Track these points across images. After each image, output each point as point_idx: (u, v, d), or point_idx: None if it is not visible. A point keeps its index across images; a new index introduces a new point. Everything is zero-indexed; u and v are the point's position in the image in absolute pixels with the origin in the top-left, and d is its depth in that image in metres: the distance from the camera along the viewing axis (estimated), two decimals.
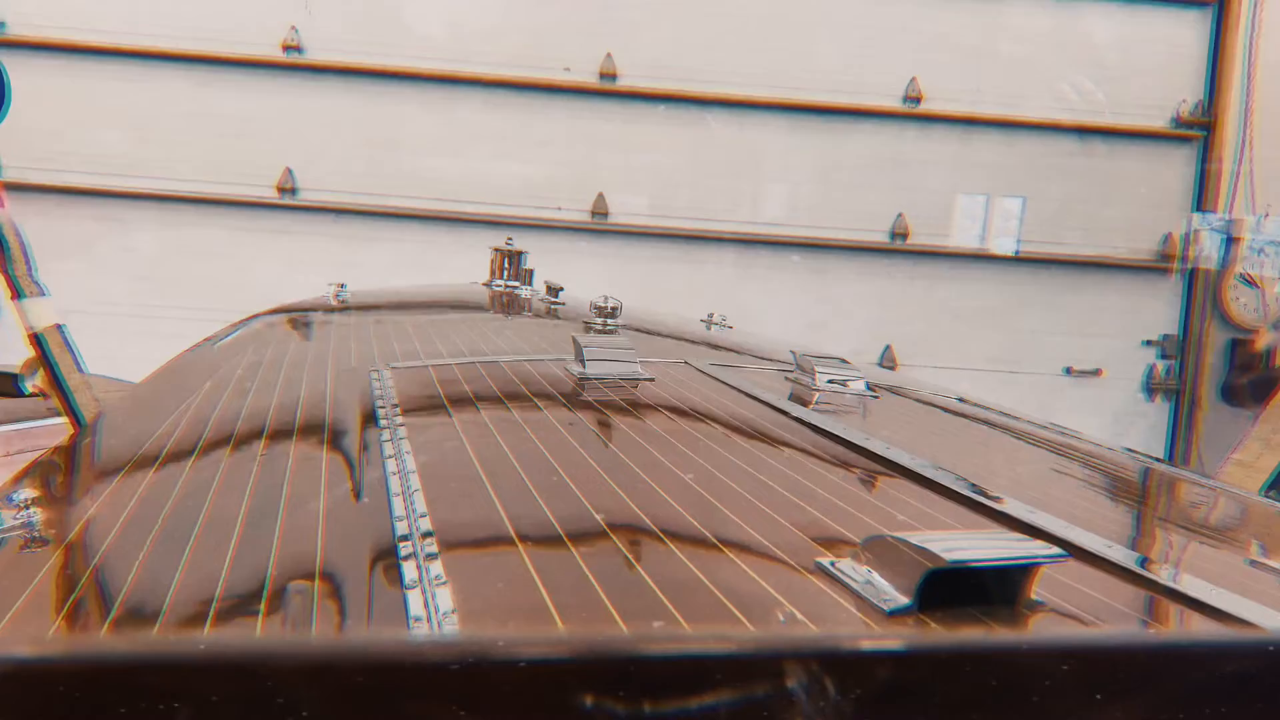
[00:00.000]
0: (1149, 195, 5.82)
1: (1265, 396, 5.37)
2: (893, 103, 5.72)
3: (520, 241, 5.67)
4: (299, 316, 3.11)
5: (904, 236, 5.77)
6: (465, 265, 5.61)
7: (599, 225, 5.73)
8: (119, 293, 5.39)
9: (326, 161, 5.55)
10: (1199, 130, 5.78)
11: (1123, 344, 5.89)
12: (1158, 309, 5.89)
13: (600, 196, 5.69)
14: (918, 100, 5.71)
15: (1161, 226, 5.85)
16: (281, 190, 5.50)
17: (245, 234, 5.50)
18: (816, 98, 5.67)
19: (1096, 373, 5.85)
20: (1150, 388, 5.91)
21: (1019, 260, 5.78)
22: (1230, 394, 5.68)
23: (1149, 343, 5.88)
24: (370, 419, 1.55)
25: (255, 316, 3.13)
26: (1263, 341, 5.67)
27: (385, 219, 5.58)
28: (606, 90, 5.66)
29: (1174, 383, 5.90)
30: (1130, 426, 5.90)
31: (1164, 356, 5.89)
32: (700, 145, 5.74)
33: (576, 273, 5.70)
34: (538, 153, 5.68)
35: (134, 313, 5.39)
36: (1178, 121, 5.78)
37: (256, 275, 5.45)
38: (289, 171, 5.49)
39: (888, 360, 5.84)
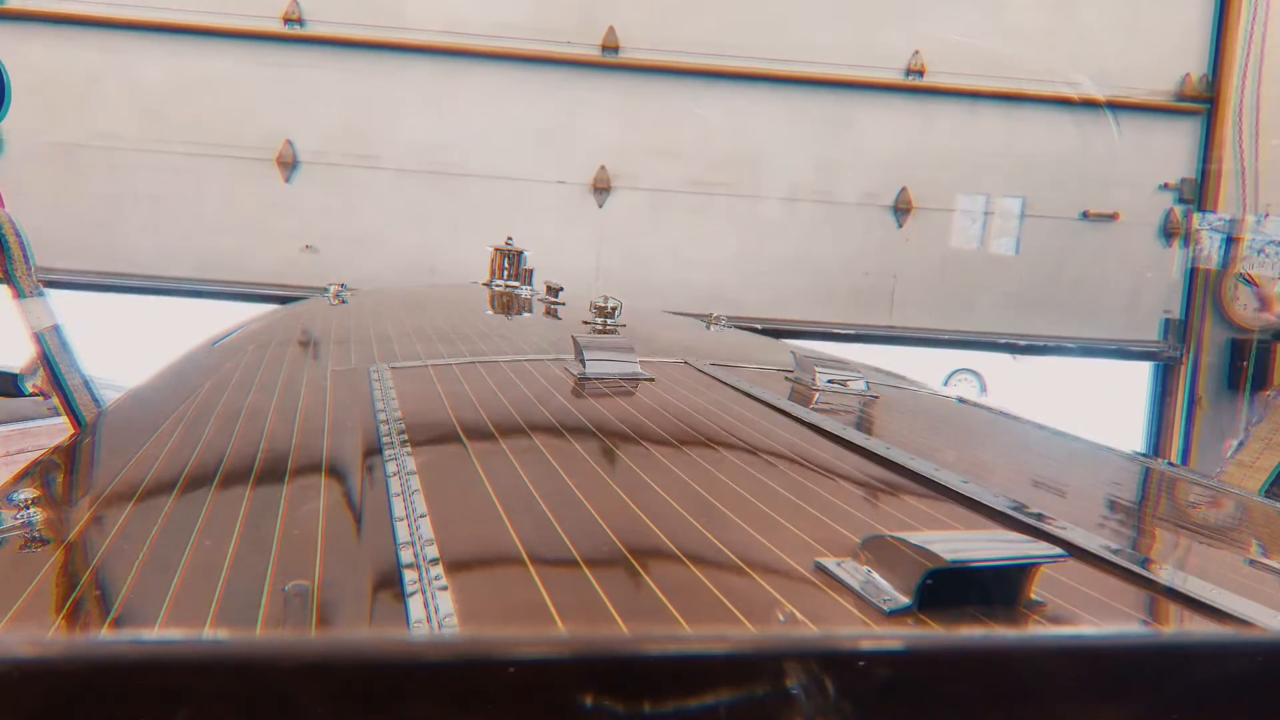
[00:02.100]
0: (1166, 35, 5.68)
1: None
2: None
3: (528, 79, 5.54)
4: (299, 316, 3.11)
5: (920, 74, 5.60)
6: (469, 103, 5.40)
7: (609, 60, 5.49)
8: (124, 127, 5.27)
9: None
10: None
11: (1139, 188, 5.77)
12: (1174, 152, 5.77)
13: (610, 30, 5.44)
14: None
15: (1179, 68, 5.72)
16: (288, 20, 5.30)
17: (251, 67, 5.33)
18: None
19: (1113, 217, 5.76)
20: (1167, 232, 5.80)
21: (1035, 100, 5.59)
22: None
23: (1165, 186, 5.79)
24: (370, 419, 1.55)
25: (255, 318, 3.13)
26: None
27: (390, 54, 5.37)
28: None
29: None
30: (1147, 272, 5.79)
31: (1181, 200, 5.80)
32: None
33: (586, 112, 5.49)
34: None
35: (140, 147, 5.28)
36: None
37: (263, 110, 5.34)
38: (295, 1, 5.31)
39: (903, 202, 5.63)
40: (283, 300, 5.51)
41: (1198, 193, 5.74)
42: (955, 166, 5.69)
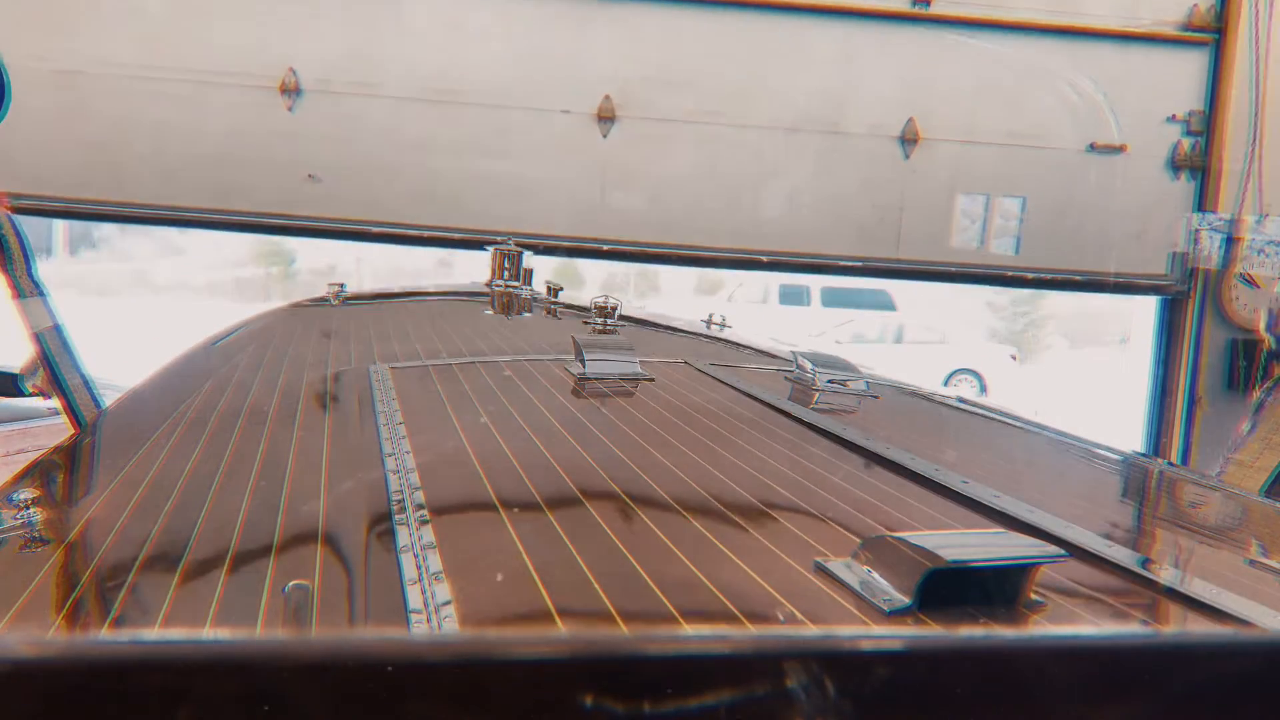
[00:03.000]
0: None
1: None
2: None
3: (531, 5, 5.28)
4: (299, 317, 3.11)
5: (926, 3, 5.48)
6: (473, 31, 5.30)
7: None
8: (125, 54, 5.17)
9: None
10: None
11: (1147, 120, 5.70)
12: (1182, 84, 5.70)
13: None
14: None
15: None
16: None
17: None
18: None
19: (1120, 149, 5.72)
20: (1175, 164, 5.74)
21: (1044, 30, 5.50)
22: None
23: (1173, 119, 5.73)
24: (370, 420, 1.55)
25: (255, 318, 3.13)
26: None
27: None
28: None
29: (1199, 160, 5.73)
30: (1155, 205, 5.71)
31: (1189, 133, 5.76)
32: None
33: (590, 40, 5.36)
34: None
35: (142, 75, 5.18)
36: None
37: (266, 38, 5.26)
38: None
39: (910, 133, 5.59)
40: (286, 232, 5.43)
41: (1206, 125, 5.67)
42: (961, 97, 5.60)
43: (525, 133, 5.46)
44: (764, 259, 5.52)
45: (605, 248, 5.41)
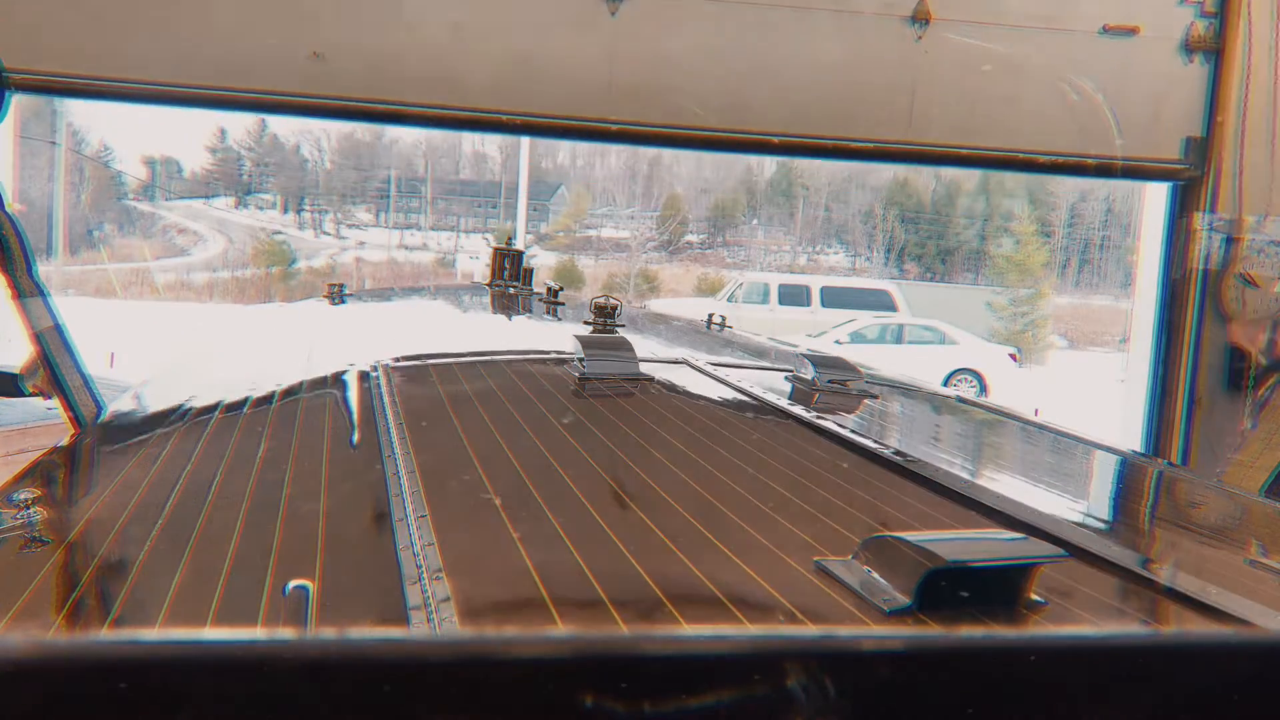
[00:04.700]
0: None
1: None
2: None
3: None
4: (299, 316, 3.11)
5: None
6: None
7: None
8: None
9: None
10: None
11: (1160, 1, 5.57)
12: None
13: None
14: None
15: None
16: None
17: None
18: None
19: (1133, 31, 5.61)
20: (1188, 47, 5.64)
21: None
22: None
23: (1186, 0, 5.57)
24: (370, 419, 1.55)
25: (254, 320, 3.14)
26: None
27: None
28: None
29: (1213, 42, 5.63)
30: (1168, 91, 5.61)
31: (1203, 14, 5.69)
32: None
33: None
34: None
35: None
36: None
37: None
38: None
39: (921, 13, 5.50)
40: (289, 110, 5.33)
41: (1220, 6, 5.53)
42: None
43: (531, 10, 5.34)
44: (775, 140, 5.40)
45: (613, 128, 5.29)
